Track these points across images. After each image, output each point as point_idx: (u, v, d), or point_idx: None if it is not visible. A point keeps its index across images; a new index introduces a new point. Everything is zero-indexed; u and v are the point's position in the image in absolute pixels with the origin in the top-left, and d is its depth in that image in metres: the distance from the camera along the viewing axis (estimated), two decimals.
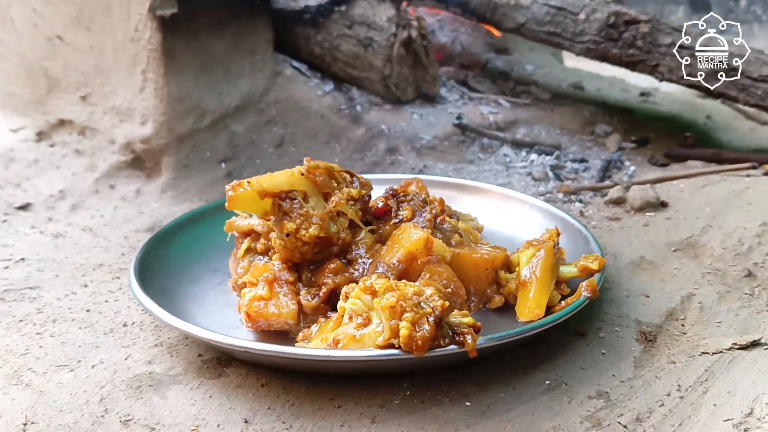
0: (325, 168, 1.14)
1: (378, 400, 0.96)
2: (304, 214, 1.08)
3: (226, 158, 1.75)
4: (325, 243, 1.10)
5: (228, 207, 1.11)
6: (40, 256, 1.39)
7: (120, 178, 1.71)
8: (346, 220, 1.12)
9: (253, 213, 1.15)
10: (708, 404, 0.96)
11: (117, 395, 0.98)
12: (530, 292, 1.07)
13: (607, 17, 1.85)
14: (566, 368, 1.03)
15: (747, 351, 1.07)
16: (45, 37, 1.79)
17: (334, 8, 1.95)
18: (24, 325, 1.16)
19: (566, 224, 1.30)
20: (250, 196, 1.09)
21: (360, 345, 0.93)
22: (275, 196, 1.09)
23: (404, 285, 0.95)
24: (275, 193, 1.09)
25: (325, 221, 1.09)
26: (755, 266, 1.29)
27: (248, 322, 1.06)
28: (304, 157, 1.22)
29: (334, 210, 1.11)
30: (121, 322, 1.17)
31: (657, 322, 1.15)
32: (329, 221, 1.10)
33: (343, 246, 1.12)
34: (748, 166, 1.72)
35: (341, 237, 1.11)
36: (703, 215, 1.48)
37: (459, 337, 0.93)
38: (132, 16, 1.63)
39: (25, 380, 1.02)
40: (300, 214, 1.08)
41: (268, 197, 1.09)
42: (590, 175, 1.81)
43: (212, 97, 1.74)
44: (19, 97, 1.89)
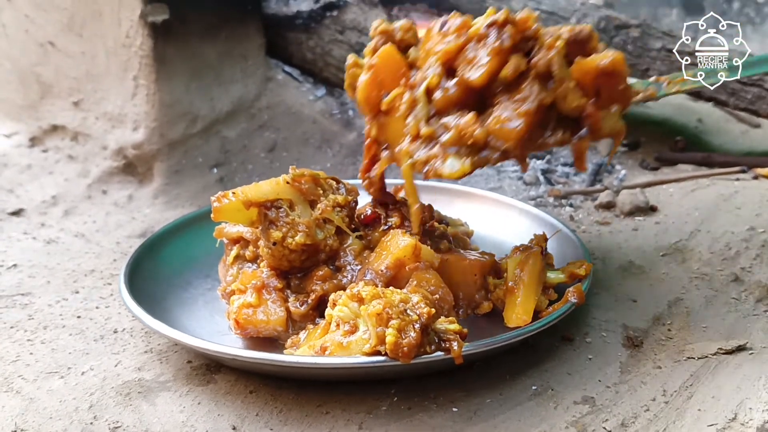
0: (311, 176, 1.14)
1: (365, 407, 0.97)
2: (290, 222, 1.09)
3: (218, 164, 1.76)
4: (312, 250, 1.11)
5: (214, 218, 1.12)
6: (32, 262, 1.40)
7: (112, 183, 1.71)
8: (333, 227, 1.13)
9: (239, 223, 1.16)
10: (692, 409, 0.97)
11: (106, 402, 0.99)
12: (517, 298, 1.08)
13: (598, 22, 1.86)
14: (553, 374, 1.04)
15: (732, 356, 1.08)
16: (37, 42, 1.79)
17: (326, 13, 1.95)
18: (15, 331, 1.17)
19: (554, 229, 1.31)
20: (236, 206, 1.10)
21: (347, 352, 0.94)
22: (260, 206, 1.10)
23: (391, 292, 0.96)
24: (260, 203, 1.09)
25: (311, 228, 1.09)
26: (742, 271, 1.30)
27: (237, 329, 1.07)
28: (296, 162, 1.24)
29: (321, 217, 1.12)
30: (112, 329, 1.17)
31: (644, 327, 1.15)
32: (316, 228, 1.10)
33: (330, 253, 1.12)
34: (738, 170, 1.73)
35: (328, 244, 1.11)
36: (692, 220, 1.49)
37: (445, 344, 0.94)
38: (123, 22, 1.64)
39: (15, 387, 1.02)
40: (286, 222, 1.09)
41: (253, 207, 1.10)
42: (581, 179, 1.81)
43: (204, 103, 1.75)
44: (12, 102, 1.89)
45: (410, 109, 1.06)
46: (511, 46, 1.01)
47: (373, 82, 1.11)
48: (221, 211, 1.10)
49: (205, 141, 1.76)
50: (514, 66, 1.00)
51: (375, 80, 1.11)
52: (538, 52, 1.02)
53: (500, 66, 1.01)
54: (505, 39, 1.01)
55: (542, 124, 1.04)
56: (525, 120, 1.00)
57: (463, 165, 1.03)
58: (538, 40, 1.03)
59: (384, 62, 1.11)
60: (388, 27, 1.15)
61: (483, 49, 1.02)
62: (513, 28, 1.01)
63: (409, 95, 1.07)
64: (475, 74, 1.01)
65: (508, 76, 1.01)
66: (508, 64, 1.01)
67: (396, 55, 1.12)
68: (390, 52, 1.12)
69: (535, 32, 1.03)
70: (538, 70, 1.01)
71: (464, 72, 1.03)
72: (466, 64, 1.03)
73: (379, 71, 1.11)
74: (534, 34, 1.03)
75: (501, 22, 1.01)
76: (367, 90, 1.12)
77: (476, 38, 1.03)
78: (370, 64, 1.12)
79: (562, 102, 1.02)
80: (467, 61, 1.03)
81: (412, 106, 1.06)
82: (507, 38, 1.01)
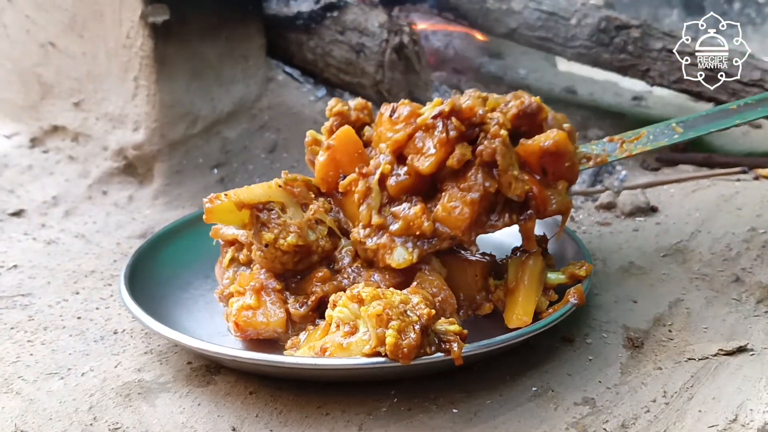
0: (303, 180, 1.16)
1: (365, 408, 0.97)
2: (282, 223, 1.09)
3: (219, 164, 1.76)
4: (304, 252, 1.11)
5: (206, 219, 1.13)
6: (32, 263, 1.40)
7: (113, 184, 1.71)
8: (326, 228, 1.13)
9: (231, 225, 1.16)
10: (693, 410, 0.97)
11: (106, 403, 0.99)
12: (518, 299, 1.08)
13: (599, 22, 1.86)
14: (553, 375, 1.04)
15: (733, 357, 1.07)
16: (38, 43, 1.79)
17: (327, 14, 1.95)
18: (15, 332, 1.17)
19: (555, 230, 1.30)
20: (228, 207, 1.10)
21: (347, 353, 0.94)
22: (253, 208, 1.10)
23: (391, 293, 0.95)
24: (253, 204, 1.10)
25: (303, 229, 1.10)
26: (743, 271, 1.30)
27: (237, 332, 1.07)
28: (297, 162, 1.24)
29: (313, 218, 1.12)
30: (112, 330, 1.17)
31: (644, 328, 1.15)
32: (308, 230, 1.11)
33: (323, 254, 1.12)
34: (739, 171, 1.73)
35: (321, 245, 1.12)
36: (693, 220, 1.49)
37: (445, 345, 0.93)
38: (124, 23, 1.64)
39: (15, 388, 1.02)
40: (278, 224, 1.09)
41: (245, 209, 1.10)
42: (581, 180, 1.81)
43: (204, 103, 1.75)
44: (13, 103, 1.89)
45: (364, 198, 1.10)
46: (457, 137, 1.04)
47: (330, 163, 1.15)
48: (213, 212, 1.11)
49: (206, 141, 1.76)
50: (459, 157, 1.04)
51: (332, 161, 1.15)
52: (483, 139, 1.05)
53: (447, 155, 1.05)
54: (450, 130, 1.04)
55: (489, 208, 1.07)
56: (471, 209, 1.04)
57: (411, 256, 1.06)
58: (484, 125, 1.06)
59: (341, 144, 1.16)
60: (343, 108, 1.21)
61: (430, 139, 1.05)
62: (458, 120, 1.04)
63: (363, 184, 1.10)
64: (424, 164, 1.05)
65: (453, 165, 1.04)
66: (453, 154, 1.04)
67: (352, 136, 1.16)
68: (346, 134, 1.16)
69: (481, 118, 1.06)
70: (483, 158, 1.04)
71: (414, 161, 1.06)
72: (415, 153, 1.06)
73: (336, 152, 1.15)
74: (480, 120, 1.06)
75: (446, 114, 1.04)
76: (324, 170, 1.16)
77: (424, 128, 1.06)
78: (327, 145, 1.16)
79: (507, 189, 1.05)
80: (416, 150, 1.06)
81: (365, 195, 1.10)
82: (452, 129, 1.04)
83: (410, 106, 1.09)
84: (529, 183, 1.05)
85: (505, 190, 1.04)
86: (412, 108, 1.08)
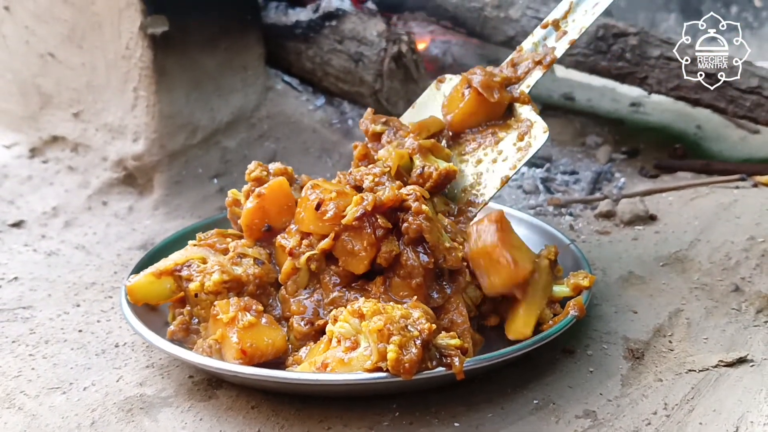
0: (217, 232, 1.19)
1: (367, 422, 0.97)
2: (203, 270, 1.10)
3: (219, 174, 1.76)
4: (237, 286, 1.09)
5: (131, 299, 1.11)
6: (33, 275, 1.40)
7: (112, 194, 1.71)
8: (251, 258, 1.13)
9: (160, 299, 1.14)
10: (694, 423, 0.97)
11: (108, 418, 0.99)
12: (519, 311, 1.08)
13: (596, 30, 1.86)
14: (554, 387, 1.04)
15: (733, 368, 1.08)
16: (37, 54, 1.80)
17: (325, 23, 1.95)
18: (17, 346, 1.17)
19: (553, 239, 1.30)
20: (148, 280, 1.11)
21: (348, 368, 0.94)
22: (173, 271, 1.11)
23: (391, 308, 0.96)
24: (171, 270, 1.11)
25: (225, 266, 1.10)
26: (742, 281, 1.30)
27: (244, 359, 0.99)
28: (296, 172, 1.25)
29: (235, 255, 1.12)
30: (113, 343, 1.18)
31: (644, 339, 1.16)
32: (231, 265, 1.11)
33: (261, 283, 1.11)
34: (737, 178, 1.73)
35: (251, 273, 1.10)
36: (692, 229, 1.49)
37: (446, 359, 0.94)
38: (123, 34, 1.64)
39: (17, 403, 1.03)
40: (199, 272, 1.09)
41: (164, 276, 1.11)
42: (580, 187, 1.82)
43: (204, 113, 1.75)
44: (12, 113, 1.89)
45: (290, 275, 1.11)
46: (384, 235, 1.06)
47: (257, 210, 1.16)
48: (135, 291, 1.10)
49: (206, 151, 1.76)
50: (386, 255, 1.05)
51: (260, 209, 1.16)
52: (407, 218, 1.06)
53: (377, 253, 1.06)
54: (377, 228, 1.05)
55: (435, 276, 1.08)
56: (420, 293, 1.05)
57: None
58: (404, 202, 1.07)
59: (272, 194, 1.16)
60: (261, 174, 1.21)
61: (359, 242, 1.06)
62: (383, 218, 1.05)
63: (289, 263, 1.10)
64: (358, 267, 1.06)
65: (383, 264, 1.06)
66: (381, 252, 1.05)
67: (286, 189, 1.17)
68: (280, 185, 1.17)
69: (400, 198, 1.07)
70: (410, 236, 1.05)
71: (347, 264, 1.07)
72: (345, 255, 1.07)
73: (265, 201, 1.16)
74: (400, 201, 1.07)
75: (370, 212, 1.05)
76: (250, 218, 1.16)
77: (350, 229, 1.06)
78: (258, 193, 1.16)
79: (443, 263, 1.07)
80: (346, 252, 1.07)
81: (292, 273, 1.11)
82: (378, 228, 1.05)
83: (336, 204, 1.07)
84: (460, 249, 1.07)
85: (441, 264, 1.06)
86: (336, 211, 1.07)
